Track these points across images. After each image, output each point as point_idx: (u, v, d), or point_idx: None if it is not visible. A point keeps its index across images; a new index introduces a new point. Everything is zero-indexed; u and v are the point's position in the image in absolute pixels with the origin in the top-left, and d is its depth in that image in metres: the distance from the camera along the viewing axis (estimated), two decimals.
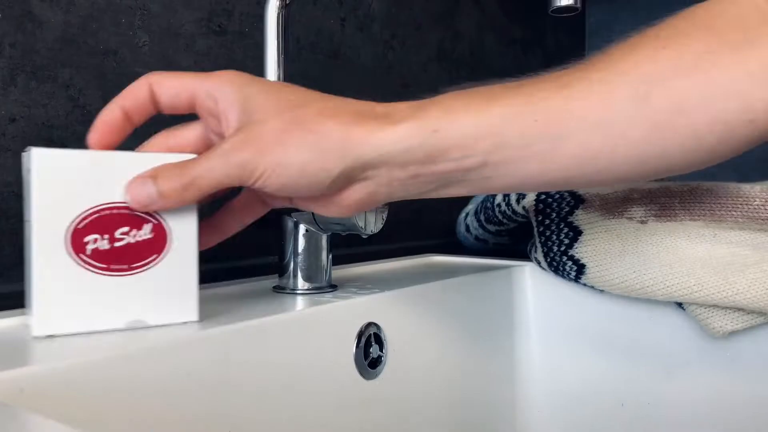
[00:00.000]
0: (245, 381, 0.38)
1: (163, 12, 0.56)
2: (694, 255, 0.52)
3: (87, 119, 0.51)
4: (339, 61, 0.75)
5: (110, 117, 0.38)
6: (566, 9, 0.51)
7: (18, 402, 0.28)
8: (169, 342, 0.35)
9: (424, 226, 0.89)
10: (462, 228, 0.80)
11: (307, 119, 0.34)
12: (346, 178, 0.35)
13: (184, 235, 0.38)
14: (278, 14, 0.49)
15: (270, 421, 0.39)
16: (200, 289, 0.47)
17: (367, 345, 0.47)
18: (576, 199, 0.59)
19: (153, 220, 0.36)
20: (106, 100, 0.53)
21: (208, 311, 0.42)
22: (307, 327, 0.43)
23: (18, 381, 0.28)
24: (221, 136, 0.37)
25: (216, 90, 0.36)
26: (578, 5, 0.51)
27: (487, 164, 0.35)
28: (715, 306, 0.53)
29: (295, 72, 0.70)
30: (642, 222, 0.55)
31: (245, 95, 0.36)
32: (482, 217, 0.73)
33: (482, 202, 0.74)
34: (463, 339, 0.57)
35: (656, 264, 0.53)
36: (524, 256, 0.67)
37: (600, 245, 0.56)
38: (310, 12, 0.72)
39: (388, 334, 0.49)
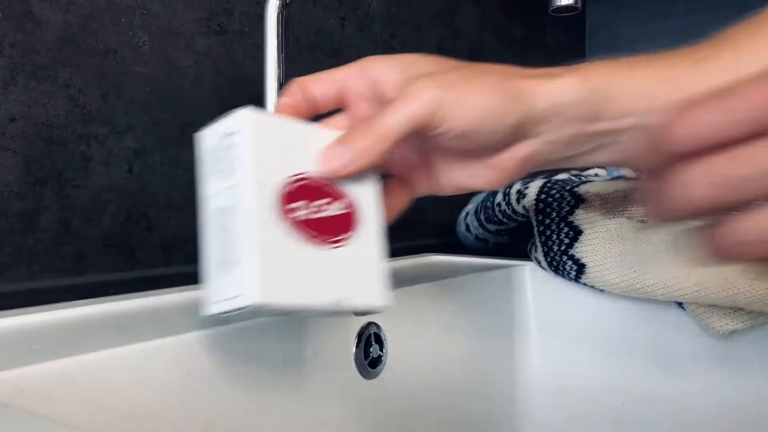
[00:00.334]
0: (245, 381, 0.38)
1: (163, 11, 0.56)
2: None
3: (87, 119, 0.51)
4: (339, 61, 0.75)
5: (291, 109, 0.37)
6: (566, 8, 0.51)
7: (17, 402, 0.28)
8: (169, 342, 0.35)
9: (424, 226, 0.89)
10: (462, 227, 0.80)
11: (479, 70, 0.35)
12: (519, 130, 0.35)
13: (370, 214, 0.36)
14: (278, 14, 0.49)
15: (270, 421, 0.39)
16: (199, 289, 0.47)
17: (367, 345, 0.47)
18: (576, 199, 0.59)
19: (346, 196, 0.34)
20: (105, 99, 0.53)
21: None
22: (306, 327, 0.43)
23: (17, 381, 0.28)
24: None
25: (372, 72, 0.36)
26: (578, 5, 0.51)
27: (639, 127, 0.35)
28: (715, 306, 0.53)
29: (295, 71, 0.70)
30: (642, 222, 0.55)
31: (404, 65, 0.36)
32: (482, 217, 0.73)
33: (482, 201, 0.74)
34: (463, 339, 0.57)
35: (656, 264, 0.53)
36: (524, 255, 0.67)
37: (600, 245, 0.56)
38: (310, 11, 0.72)
39: (388, 334, 0.49)
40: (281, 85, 0.50)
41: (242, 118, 0.32)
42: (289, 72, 0.51)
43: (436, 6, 0.93)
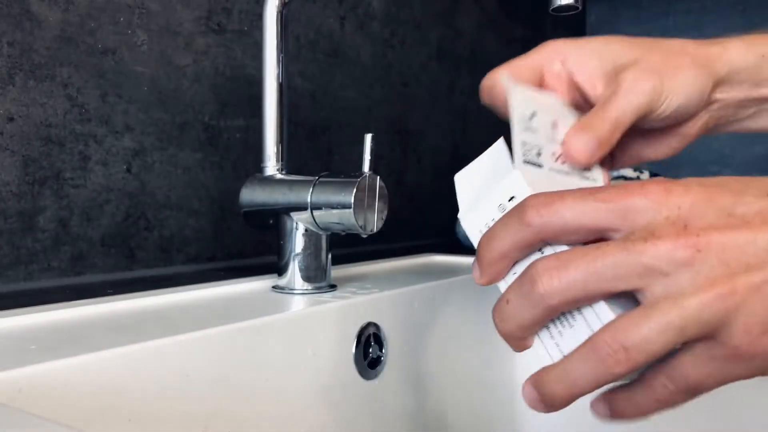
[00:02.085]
0: (245, 381, 0.38)
1: (162, 11, 0.56)
2: None
3: (85, 118, 0.51)
4: (339, 60, 0.75)
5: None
6: (566, 8, 0.51)
7: (16, 402, 0.28)
8: (168, 342, 0.34)
9: (424, 226, 0.89)
10: (462, 228, 0.80)
11: (669, 48, 0.37)
12: (708, 97, 0.37)
13: None
14: (278, 13, 0.49)
15: (269, 421, 0.39)
16: (199, 289, 0.47)
17: (367, 345, 0.47)
18: None
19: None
20: (104, 99, 0.53)
21: (207, 311, 0.42)
22: (306, 327, 0.42)
23: (16, 381, 0.28)
24: (585, 100, 0.38)
25: (568, 60, 0.38)
26: (578, 4, 0.51)
27: None
28: None
29: (294, 70, 0.70)
30: None
31: (600, 53, 0.37)
32: None
33: None
34: (462, 339, 0.57)
35: None
36: None
37: None
38: (310, 10, 0.71)
39: (388, 334, 0.49)
40: (280, 85, 0.50)
41: (518, 183, 0.31)
42: (288, 71, 0.51)
43: (436, 5, 0.93)
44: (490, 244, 0.29)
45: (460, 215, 0.35)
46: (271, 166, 0.49)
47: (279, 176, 0.49)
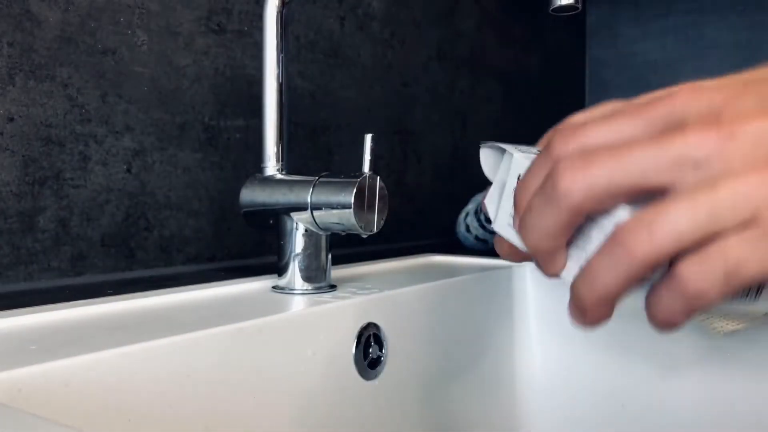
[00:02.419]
0: (245, 381, 0.38)
1: (162, 11, 0.56)
2: None
3: (85, 118, 0.51)
4: (338, 60, 0.75)
5: None
6: (566, 8, 0.51)
7: (16, 402, 0.28)
8: (168, 342, 0.34)
9: (424, 226, 0.89)
10: (462, 228, 0.80)
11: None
12: None
13: None
14: (277, 13, 0.49)
15: (269, 421, 0.39)
16: (199, 289, 0.47)
17: (367, 345, 0.47)
18: None
19: None
20: (104, 99, 0.53)
21: (207, 311, 0.42)
22: (306, 327, 0.42)
23: (16, 381, 0.28)
24: None
25: None
26: (578, 4, 0.51)
27: None
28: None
29: (294, 70, 0.70)
30: None
31: None
32: (482, 217, 0.73)
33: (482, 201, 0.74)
34: (463, 339, 0.57)
35: None
36: None
37: None
38: (310, 11, 0.71)
39: (388, 335, 0.49)
40: (280, 85, 0.50)
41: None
42: (288, 71, 0.51)
43: (436, 6, 0.93)
44: (523, 186, 0.27)
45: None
46: (271, 166, 0.49)
47: (279, 176, 0.49)
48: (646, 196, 0.24)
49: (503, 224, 0.34)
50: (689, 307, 0.23)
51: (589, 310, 0.26)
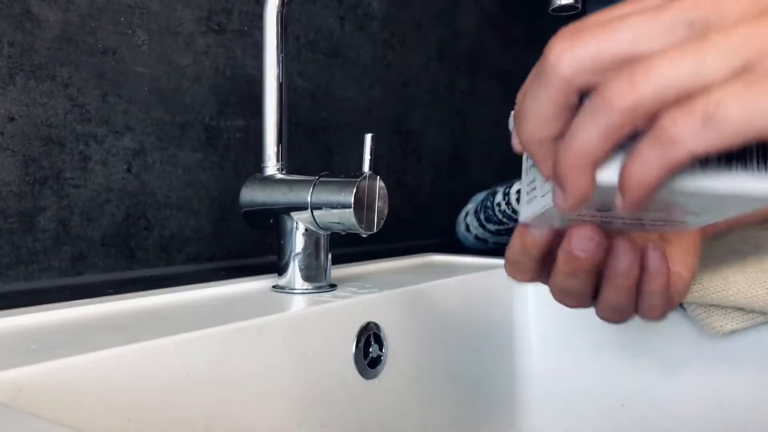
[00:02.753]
0: (244, 381, 0.38)
1: (162, 11, 0.56)
2: None
3: (86, 118, 0.51)
4: (338, 60, 0.75)
5: None
6: (566, 8, 0.51)
7: (16, 402, 0.28)
8: (168, 341, 0.34)
9: (424, 226, 0.89)
10: (462, 227, 0.80)
11: None
12: None
13: None
14: (278, 13, 0.49)
15: (269, 421, 0.39)
16: (199, 289, 0.47)
17: (367, 345, 0.47)
18: None
19: None
20: (104, 99, 0.53)
21: (207, 311, 0.42)
22: (306, 327, 0.42)
23: (16, 381, 0.28)
24: None
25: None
26: (578, 4, 0.51)
27: None
28: (715, 305, 0.53)
29: (294, 70, 0.70)
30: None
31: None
32: (482, 217, 0.73)
33: (482, 201, 0.74)
34: (462, 339, 0.57)
35: None
36: None
37: None
38: (310, 10, 0.71)
39: (388, 334, 0.49)
40: (280, 85, 0.50)
41: None
42: (288, 71, 0.51)
43: (436, 6, 0.93)
44: (524, 109, 0.24)
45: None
46: (271, 166, 0.50)
47: (279, 176, 0.49)
48: None
49: (522, 204, 0.32)
50: (666, 158, 0.21)
51: (567, 176, 0.23)
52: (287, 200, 0.47)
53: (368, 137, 0.46)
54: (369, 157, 0.46)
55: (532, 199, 0.31)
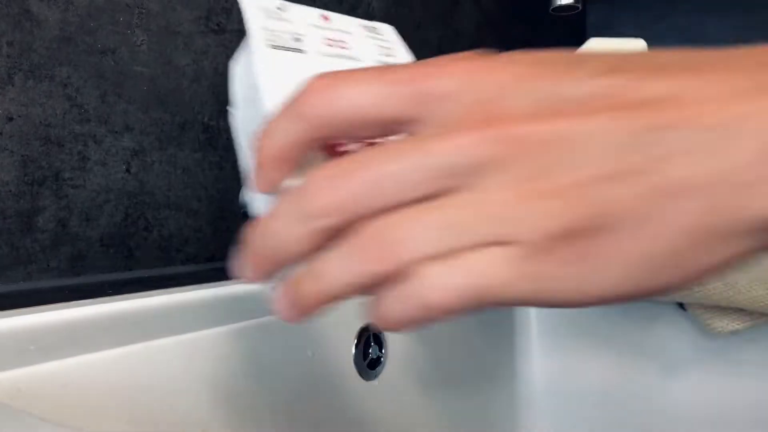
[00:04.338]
0: (244, 382, 0.38)
1: (162, 11, 0.56)
2: None
3: (84, 118, 0.51)
4: None
5: None
6: (566, 8, 0.51)
7: (15, 402, 0.28)
8: (168, 342, 0.34)
9: None
10: None
11: None
12: None
13: None
14: None
15: (269, 421, 0.39)
16: (198, 289, 0.47)
17: (367, 345, 0.47)
18: None
19: None
20: (103, 99, 0.53)
21: (207, 311, 0.42)
22: (305, 327, 0.42)
23: (15, 381, 0.28)
24: None
25: None
26: (578, 4, 0.51)
27: None
28: (716, 306, 0.53)
29: None
30: None
31: None
32: None
33: None
34: (462, 339, 0.57)
35: None
36: None
37: None
38: None
39: (388, 335, 0.48)
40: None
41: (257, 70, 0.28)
42: None
43: (436, 6, 0.93)
44: (266, 140, 0.23)
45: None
46: None
47: None
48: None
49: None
50: (421, 312, 0.21)
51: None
52: None
53: None
54: None
55: None
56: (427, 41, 0.91)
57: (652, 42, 1.46)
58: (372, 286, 0.22)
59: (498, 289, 0.19)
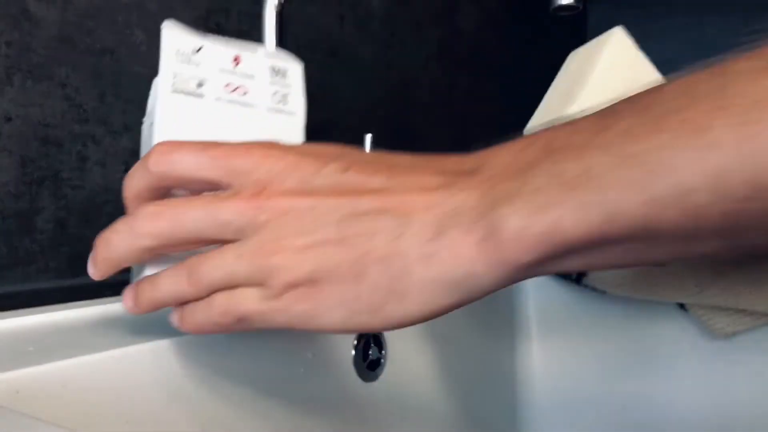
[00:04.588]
0: (243, 382, 0.38)
1: (161, 10, 0.56)
2: None
3: (83, 118, 0.51)
4: (338, 60, 0.75)
5: None
6: (567, 8, 0.51)
7: (14, 404, 0.28)
8: (167, 343, 0.34)
9: None
10: None
11: None
12: None
13: None
14: (276, 12, 0.49)
15: (268, 423, 0.39)
16: None
17: (367, 347, 0.47)
18: None
19: None
20: (102, 99, 0.52)
21: None
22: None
23: (14, 382, 0.28)
24: None
25: None
26: (579, 4, 0.51)
27: None
28: (717, 307, 0.53)
29: None
30: None
31: None
32: None
33: None
34: (463, 340, 0.57)
35: (657, 266, 0.53)
36: None
37: None
38: (309, 10, 0.71)
39: (388, 336, 0.48)
40: None
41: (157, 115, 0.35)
42: None
43: (436, 5, 0.93)
44: (127, 182, 0.31)
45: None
46: None
47: None
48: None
49: None
50: (209, 327, 0.30)
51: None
52: None
53: (368, 137, 0.46)
54: None
55: None
56: (427, 41, 0.91)
57: (652, 42, 1.46)
58: (186, 300, 0.30)
59: (257, 316, 0.28)
